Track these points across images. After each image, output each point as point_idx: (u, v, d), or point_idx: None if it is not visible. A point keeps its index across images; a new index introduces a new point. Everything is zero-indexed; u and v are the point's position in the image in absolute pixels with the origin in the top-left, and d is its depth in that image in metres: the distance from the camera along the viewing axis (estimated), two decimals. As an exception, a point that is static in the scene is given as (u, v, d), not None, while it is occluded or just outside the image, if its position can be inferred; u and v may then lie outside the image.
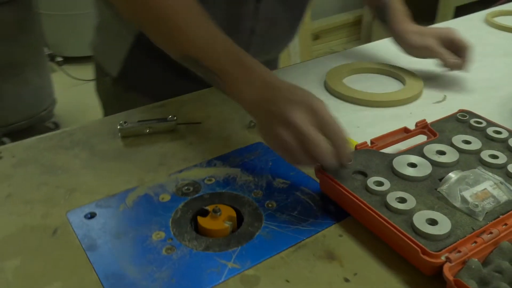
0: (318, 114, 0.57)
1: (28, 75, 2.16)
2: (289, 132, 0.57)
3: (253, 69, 0.62)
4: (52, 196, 0.64)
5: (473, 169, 0.60)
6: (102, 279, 0.52)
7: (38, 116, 2.26)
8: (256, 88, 0.61)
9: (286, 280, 0.51)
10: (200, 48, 0.64)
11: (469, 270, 0.48)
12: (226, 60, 0.63)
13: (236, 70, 0.63)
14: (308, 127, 0.56)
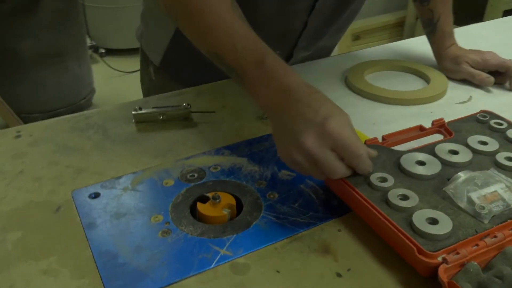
0: (332, 137, 0.53)
1: (69, 64, 2.22)
2: (301, 155, 0.54)
3: (272, 72, 0.58)
4: (60, 175, 0.66)
5: (485, 170, 0.57)
6: (95, 256, 0.52)
7: (77, 104, 2.32)
8: (272, 92, 0.58)
9: (277, 270, 0.50)
10: (223, 45, 0.62)
11: (467, 273, 0.46)
12: (245, 59, 0.60)
13: (255, 71, 0.60)
14: (320, 151, 0.53)
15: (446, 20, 0.92)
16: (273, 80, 0.58)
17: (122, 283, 0.49)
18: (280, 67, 0.59)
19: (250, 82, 0.60)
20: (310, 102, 0.56)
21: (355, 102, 0.85)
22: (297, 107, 0.55)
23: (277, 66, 0.59)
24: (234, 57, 0.61)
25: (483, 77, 0.87)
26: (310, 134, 0.53)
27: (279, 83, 0.58)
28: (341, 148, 0.53)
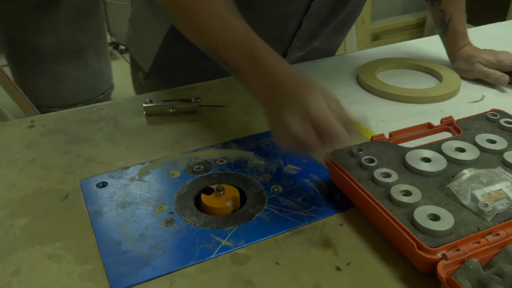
0: (330, 101, 0.56)
1: (89, 60, 2.26)
2: (304, 119, 0.54)
3: (264, 65, 0.59)
4: (70, 164, 0.67)
5: (492, 168, 0.57)
6: (99, 243, 0.53)
7: (96, 99, 2.36)
8: (266, 84, 0.59)
9: (276, 262, 0.50)
10: (218, 41, 0.63)
11: (467, 270, 0.45)
12: (239, 54, 0.61)
13: (248, 65, 0.60)
14: (304, 134, 0.53)
15: (458, 20, 0.91)
16: (265, 73, 0.59)
17: (124, 270, 0.50)
18: (272, 60, 0.60)
19: (245, 76, 0.61)
20: (298, 89, 0.57)
21: (365, 99, 0.84)
22: (285, 96, 0.57)
23: (269, 59, 0.60)
24: (229, 52, 0.62)
25: (498, 75, 0.86)
26: (294, 119, 0.54)
27: (271, 75, 0.59)
28: (320, 131, 0.54)
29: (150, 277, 0.49)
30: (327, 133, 0.53)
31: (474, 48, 0.92)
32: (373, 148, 0.61)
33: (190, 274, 0.49)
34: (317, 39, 0.94)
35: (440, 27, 0.94)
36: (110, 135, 0.74)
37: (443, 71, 0.90)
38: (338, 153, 0.60)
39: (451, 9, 0.90)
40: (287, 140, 0.56)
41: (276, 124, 0.57)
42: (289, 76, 0.59)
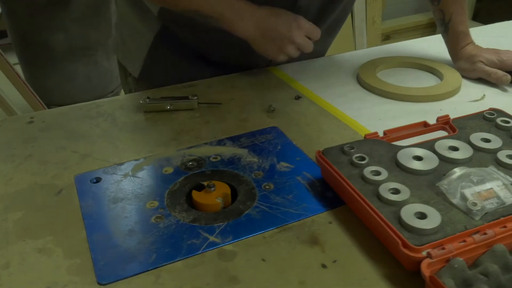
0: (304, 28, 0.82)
1: (98, 58, 2.27)
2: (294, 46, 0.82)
3: (243, 9, 0.80)
4: (66, 160, 0.68)
5: (484, 167, 0.56)
6: (89, 237, 0.54)
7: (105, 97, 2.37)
8: (249, 21, 0.80)
9: (262, 259, 0.50)
10: (200, 2, 0.79)
11: (451, 269, 0.45)
12: (219, 6, 0.79)
13: (228, 12, 0.79)
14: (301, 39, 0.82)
15: (458, 20, 0.90)
16: (246, 15, 0.80)
17: (111, 264, 0.50)
18: (247, 5, 0.80)
19: (228, 21, 0.80)
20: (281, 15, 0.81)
21: (363, 97, 0.84)
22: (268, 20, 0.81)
23: (245, 5, 0.80)
24: (209, 8, 0.79)
25: (500, 75, 0.84)
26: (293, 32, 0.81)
27: (253, 14, 0.80)
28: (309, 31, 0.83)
29: (136, 272, 0.49)
30: None
31: (476, 47, 0.91)
32: (366, 146, 0.61)
33: (176, 269, 0.49)
34: None
35: (441, 27, 0.93)
36: (107, 132, 0.74)
37: (444, 70, 0.89)
38: (330, 151, 0.60)
39: (450, 9, 0.90)
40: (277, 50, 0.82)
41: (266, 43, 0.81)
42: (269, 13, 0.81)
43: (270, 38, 0.80)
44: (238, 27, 0.80)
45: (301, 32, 0.81)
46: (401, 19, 3.05)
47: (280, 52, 0.82)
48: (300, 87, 0.88)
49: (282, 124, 0.75)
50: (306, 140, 0.71)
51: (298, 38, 0.81)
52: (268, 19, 0.80)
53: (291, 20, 0.81)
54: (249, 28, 0.80)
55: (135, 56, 0.97)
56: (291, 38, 0.80)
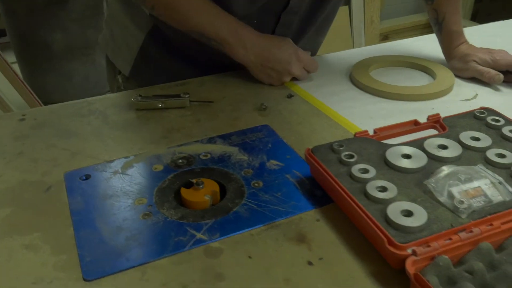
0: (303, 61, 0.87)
1: (96, 57, 2.28)
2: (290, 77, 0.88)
3: (246, 37, 0.83)
4: (56, 157, 0.68)
5: (472, 166, 0.56)
6: (76, 234, 0.54)
7: (102, 96, 2.38)
8: (250, 50, 0.84)
9: (249, 256, 0.50)
10: (202, 24, 0.82)
11: (436, 267, 0.45)
12: (223, 31, 0.82)
13: (232, 38, 0.83)
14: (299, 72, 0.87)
15: (452, 20, 0.90)
16: (248, 42, 0.83)
17: (97, 261, 0.50)
18: (250, 33, 0.84)
19: (231, 47, 0.84)
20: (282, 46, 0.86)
21: (356, 96, 0.84)
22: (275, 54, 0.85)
23: (248, 33, 0.84)
24: (213, 31, 0.82)
25: (492, 74, 0.84)
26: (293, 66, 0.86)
27: (254, 42, 0.84)
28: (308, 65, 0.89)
29: (122, 268, 0.49)
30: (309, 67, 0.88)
31: (470, 46, 0.91)
32: (355, 144, 0.61)
33: (162, 266, 0.49)
34: (301, 40, 0.94)
35: (435, 26, 0.93)
36: (98, 129, 0.74)
37: (437, 69, 0.89)
38: (319, 149, 0.60)
39: (444, 9, 0.90)
40: (274, 79, 0.87)
41: (265, 71, 0.86)
42: (270, 43, 0.86)
43: (269, 68, 0.85)
44: (239, 54, 0.84)
45: (300, 64, 0.86)
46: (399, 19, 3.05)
47: (277, 81, 0.87)
48: (292, 86, 0.87)
49: (274, 123, 0.75)
50: (297, 138, 0.71)
51: (297, 70, 0.86)
52: (269, 50, 0.84)
53: (291, 52, 0.86)
54: (250, 56, 0.84)
55: (125, 54, 0.97)
56: (290, 70, 0.85)
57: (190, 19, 0.82)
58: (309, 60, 0.88)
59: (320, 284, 0.47)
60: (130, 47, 0.95)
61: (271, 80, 0.87)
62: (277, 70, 0.85)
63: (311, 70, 0.89)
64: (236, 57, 0.85)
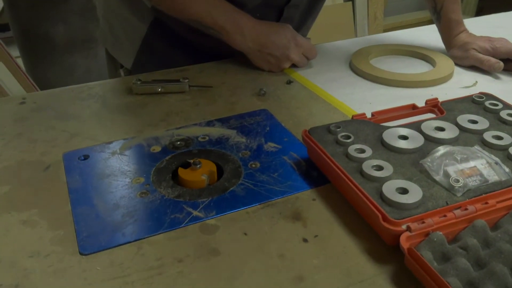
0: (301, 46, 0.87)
1: (98, 50, 2.28)
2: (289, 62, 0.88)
3: (243, 24, 0.84)
4: (55, 138, 0.68)
5: (469, 147, 0.56)
6: (73, 210, 0.54)
7: (105, 90, 2.38)
8: (248, 37, 0.84)
9: (244, 233, 0.51)
10: (200, 13, 0.83)
11: (431, 242, 0.45)
12: (221, 19, 0.83)
13: (229, 26, 0.83)
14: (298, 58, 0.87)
15: (450, 8, 0.90)
16: (246, 29, 0.84)
17: (93, 236, 0.50)
18: (248, 20, 0.84)
19: (229, 34, 0.84)
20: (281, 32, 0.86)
21: (355, 82, 0.84)
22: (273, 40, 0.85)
23: (246, 20, 0.84)
24: (211, 19, 0.83)
25: (492, 62, 0.84)
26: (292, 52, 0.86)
27: (252, 30, 0.84)
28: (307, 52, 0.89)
29: (119, 243, 0.49)
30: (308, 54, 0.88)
31: (470, 35, 0.91)
32: (352, 126, 0.61)
33: (157, 242, 0.50)
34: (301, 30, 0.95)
35: (433, 15, 0.93)
36: (98, 112, 0.75)
37: (437, 57, 0.89)
38: (316, 130, 0.60)
39: None
40: (273, 65, 0.87)
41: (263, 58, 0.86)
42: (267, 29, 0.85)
43: (267, 54, 0.85)
44: (237, 41, 0.84)
45: (298, 50, 0.86)
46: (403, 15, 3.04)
47: (276, 67, 0.87)
48: (292, 73, 0.88)
49: (272, 107, 0.75)
50: (295, 122, 0.71)
51: (295, 56, 0.86)
52: (267, 36, 0.84)
53: (289, 37, 0.85)
54: (248, 43, 0.84)
55: (127, 48, 0.97)
56: (288, 55, 0.85)
57: (188, 8, 0.83)
58: (308, 46, 0.88)
59: (314, 260, 0.47)
60: (131, 40, 0.95)
61: (270, 66, 0.87)
62: (275, 56, 0.85)
63: (310, 57, 0.89)
64: (234, 44, 0.85)
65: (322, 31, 2.34)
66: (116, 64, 1.02)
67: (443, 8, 0.92)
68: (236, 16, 0.84)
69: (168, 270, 0.46)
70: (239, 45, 0.85)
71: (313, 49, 0.88)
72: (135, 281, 0.45)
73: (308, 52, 0.88)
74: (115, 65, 1.02)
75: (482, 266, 0.44)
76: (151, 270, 0.46)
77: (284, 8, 0.91)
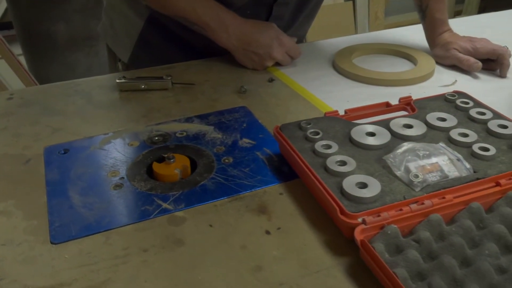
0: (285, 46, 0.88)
1: (100, 48, 2.31)
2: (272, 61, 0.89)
3: (228, 22, 0.86)
4: (39, 133, 0.70)
5: (434, 144, 0.57)
6: (49, 201, 0.56)
7: (106, 87, 2.40)
8: (233, 35, 0.86)
9: (210, 224, 0.52)
10: (186, 10, 0.85)
11: (385, 235, 0.46)
12: (205, 17, 0.85)
13: (214, 23, 0.85)
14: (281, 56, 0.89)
15: (435, 7, 0.91)
16: (230, 27, 0.86)
17: (65, 226, 0.52)
18: (233, 19, 0.86)
19: (213, 31, 0.86)
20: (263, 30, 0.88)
21: (337, 81, 0.85)
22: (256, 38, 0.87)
23: (231, 19, 0.86)
24: (195, 16, 0.85)
25: (471, 62, 0.85)
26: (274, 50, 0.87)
27: (236, 27, 0.86)
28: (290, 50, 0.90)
29: (88, 233, 0.51)
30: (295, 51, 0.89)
31: (453, 34, 0.92)
32: (323, 123, 0.62)
33: (126, 232, 0.52)
34: (292, 27, 0.96)
35: (419, 13, 0.94)
36: (82, 108, 0.77)
37: (419, 56, 0.90)
38: (287, 126, 0.62)
39: None
40: (256, 64, 0.88)
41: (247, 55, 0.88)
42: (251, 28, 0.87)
43: (251, 52, 0.87)
44: (221, 38, 0.86)
45: (282, 49, 0.88)
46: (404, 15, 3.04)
47: (259, 65, 0.89)
48: (276, 71, 0.89)
49: (252, 105, 0.77)
50: (272, 119, 0.72)
51: (278, 54, 0.88)
52: (251, 34, 0.86)
53: (273, 36, 0.87)
54: (232, 41, 0.86)
55: (125, 42, 0.99)
56: (271, 54, 0.87)
57: (174, 5, 0.85)
58: (292, 45, 0.89)
59: (274, 251, 0.49)
60: (129, 35, 0.97)
61: (254, 64, 0.88)
62: (259, 54, 0.87)
63: (293, 56, 0.90)
64: (219, 41, 0.87)
65: (322, 31, 2.35)
66: (115, 58, 1.04)
67: (428, 7, 0.93)
68: (221, 13, 0.85)
69: (133, 259, 0.48)
70: (224, 43, 0.87)
71: (296, 49, 0.90)
72: (101, 269, 0.47)
73: (292, 51, 0.89)
74: (115, 59, 1.05)
75: (434, 258, 0.45)
76: (116, 259, 0.48)
77: (273, 6, 0.92)
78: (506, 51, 0.86)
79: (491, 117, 0.63)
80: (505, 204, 0.50)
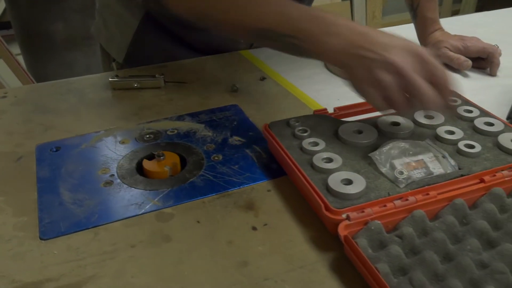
0: (423, 61, 0.55)
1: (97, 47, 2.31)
2: (392, 77, 0.54)
3: (332, 21, 0.60)
4: (31, 131, 0.71)
5: (420, 141, 0.58)
6: (39, 198, 0.57)
7: (104, 87, 2.41)
8: (342, 36, 0.58)
9: (197, 221, 0.53)
10: (273, 17, 0.62)
11: (368, 231, 0.47)
12: (301, 20, 0.61)
13: (314, 26, 0.60)
14: (415, 74, 0.54)
15: (426, 6, 0.92)
16: (338, 26, 0.59)
17: (55, 222, 0.53)
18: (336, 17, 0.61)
19: (313, 37, 0.60)
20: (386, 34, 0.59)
21: (328, 80, 0.86)
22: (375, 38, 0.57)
23: (333, 17, 0.61)
24: (290, 24, 0.61)
25: (461, 60, 0.86)
26: (400, 55, 0.55)
27: (346, 26, 0.59)
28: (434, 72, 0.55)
29: (77, 230, 0.52)
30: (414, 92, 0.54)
31: (444, 33, 0.93)
32: (311, 120, 0.63)
33: (114, 228, 0.52)
34: None
35: (410, 12, 0.95)
36: (75, 107, 0.77)
37: (410, 55, 0.90)
38: (276, 124, 0.62)
39: None
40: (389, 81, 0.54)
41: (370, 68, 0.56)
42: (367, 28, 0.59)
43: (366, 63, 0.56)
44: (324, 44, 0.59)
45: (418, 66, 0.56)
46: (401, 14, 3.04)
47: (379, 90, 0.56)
48: (268, 70, 0.90)
49: (243, 103, 0.77)
50: (262, 117, 0.73)
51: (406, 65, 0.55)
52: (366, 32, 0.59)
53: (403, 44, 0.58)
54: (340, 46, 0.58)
55: (119, 42, 1.00)
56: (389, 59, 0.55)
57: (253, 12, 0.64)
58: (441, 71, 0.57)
59: (260, 247, 0.49)
60: (124, 35, 0.97)
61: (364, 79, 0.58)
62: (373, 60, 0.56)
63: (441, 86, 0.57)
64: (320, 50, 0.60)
65: (320, 30, 2.35)
66: (109, 58, 1.05)
67: (419, 6, 0.94)
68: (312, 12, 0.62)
69: (120, 255, 0.49)
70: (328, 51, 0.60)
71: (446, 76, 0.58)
72: (88, 264, 0.48)
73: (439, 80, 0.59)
74: (109, 59, 1.05)
75: (416, 253, 0.46)
76: (104, 254, 0.49)
77: None
78: (496, 50, 0.86)
79: (478, 115, 0.63)
80: (489, 200, 0.51)
